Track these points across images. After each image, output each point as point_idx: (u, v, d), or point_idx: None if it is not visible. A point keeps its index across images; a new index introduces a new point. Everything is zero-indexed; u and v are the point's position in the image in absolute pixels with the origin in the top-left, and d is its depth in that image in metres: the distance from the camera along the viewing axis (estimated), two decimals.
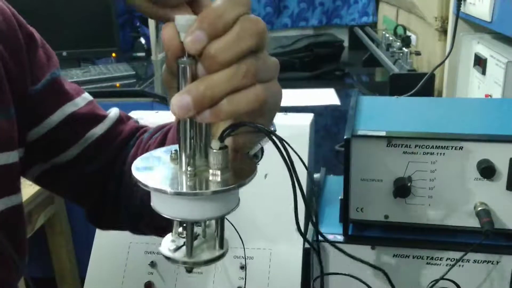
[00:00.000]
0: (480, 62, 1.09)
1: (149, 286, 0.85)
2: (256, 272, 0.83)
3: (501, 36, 1.08)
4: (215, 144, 0.40)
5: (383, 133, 0.67)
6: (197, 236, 0.43)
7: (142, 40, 2.61)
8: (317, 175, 0.93)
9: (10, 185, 0.60)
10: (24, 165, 0.64)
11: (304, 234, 0.80)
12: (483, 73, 1.07)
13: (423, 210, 0.69)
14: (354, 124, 0.70)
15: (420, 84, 1.31)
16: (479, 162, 0.65)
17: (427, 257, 0.70)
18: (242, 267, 0.83)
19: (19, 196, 0.61)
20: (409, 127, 0.69)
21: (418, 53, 1.64)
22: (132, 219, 0.68)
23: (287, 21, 2.59)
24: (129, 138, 0.69)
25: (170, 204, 0.39)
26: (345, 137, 0.67)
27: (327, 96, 1.77)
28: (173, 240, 0.43)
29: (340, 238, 0.73)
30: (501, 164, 0.65)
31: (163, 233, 0.50)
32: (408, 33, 1.80)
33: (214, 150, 0.40)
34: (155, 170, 0.42)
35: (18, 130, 0.60)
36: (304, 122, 0.90)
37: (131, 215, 0.68)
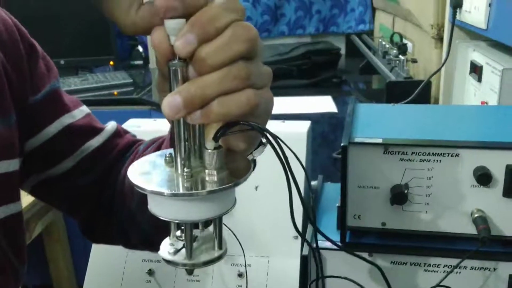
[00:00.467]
0: (476, 70, 1.10)
1: None
2: (254, 280, 0.83)
3: (497, 43, 1.09)
4: (210, 144, 0.40)
5: (380, 141, 0.68)
6: (196, 238, 0.43)
7: (140, 48, 2.62)
8: (314, 183, 0.93)
9: (10, 193, 0.60)
10: (21, 176, 0.64)
11: (303, 235, 0.81)
12: (479, 80, 1.08)
13: (420, 217, 0.69)
14: (351, 132, 0.71)
15: (417, 92, 1.32)
16: (476, 169, 0.66)
17: (424, 264, 0.70)
18: (240, 275, 0.83)
19: (19, 204, 0.61)
20: (405, 135, 0.69)
21: (414, 61, 1.65)
22: (124, 233, 0.68)
23: (284, 29, 2.60)
24: (125, 151, 0.69)
25: (167, 206, 0.40)
26: (342, 144, 0.68)
27: (324, 104, 1.78)
28: (172, 243, 0.43)
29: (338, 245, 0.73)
30: (497, 171, 0.65)
31: (153, 247, 0.50)
32: (404, 41, 1.81)
33: (209, 150, 0.40)
34: (151, 174, 0.42)
35: (18, 138, 0.60)
36: (301, 130, 0.90)
37: (123, 229, 0.68)
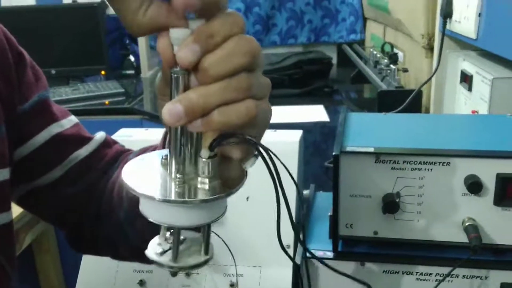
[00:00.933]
0: (466, 79, 1.11)
1: None
2: None
3: (486, 53, 1.10)
4: (204, 153, 0.40)
5: (372, 149, 0.68)
6: (183, 241, 0.44)
7: (131, 57, 2.61)
8: (306, 192, 0.93)
9: (1, 203, 0.59)
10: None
11: (292, 255, 0.80)
12: (469, 89, 1.09)
13: (412, 226, 0.69)
14: (342, 141, 0.71)
15: (408, 101, 1.32)
16: (466, 177, 0.66)
17: (416, 272, 0.70)
18: (232, 285, 0.83)
19: (10, 214, 0.61)
20: (397, 143, 0.70)
21: (405, 70, 1.66)
22: (112, 244, 0.68)
23: (275, 38, 2.61)
24: (113, 161, 0.69)
25: (158, 210, 0.40)
26: (333, 153, 0.68)
27: (316, 113, 1.78)
28: (160, 243, 0.44)
29: (330, 254, 0.73)
30: (488, 179, 0.65)
31: (142, 258, 0.50)
32: (395, 50, 1.82)
33: (204, 159, 0.40)
34: (145, 175, 0.42)
35: (8, 148, 0.60)
36: (293, 139, 0.90)
37: (111, 240, 0.67)
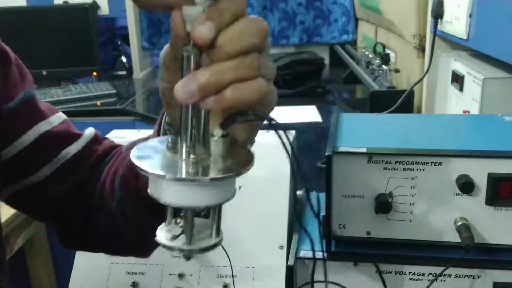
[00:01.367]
0: (458, 79, 1.11)
1: None
2: None
3: (478, 53, 1.11)
4: (217, 131, 0.41)
5: (364, 150, 0.68)
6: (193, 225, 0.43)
7: (123, 58, 2.61)
8: (299, 192, 0.93)
9: None
10: None
11: (285, 256, 0.80)
12: (461, 89, 1.09)
13: (404, 226, 0.69)
14: (335, 141, 0.71)
15: (400, 101, 1.33)
16: (458, 177, 0.66)
17: (409, 272, 0.71)
18: (225, 286, 0.83)
19: None
20: (389, 144, 0.70)
21: (397, 71, 1.66)
22: (104, 238, 0.68)
23: None
24: (103, 157, 0.69)
25: (170, 191, 0.39)
26: (326, 154, 0.68)
27: (309, 113, 1.79)
28: (169, 229, 0.43)
29: (323, 255, 0.73)
30: (479, 179, 0.66)
31: (135, 252, 0.49)
32: (387, 51, 1.83)
33: (216, 138, 0.41)
34: (153, 159, 0.42)
35: None
36: (286, 139, 0.90)
37: (103, 234, 0.67)
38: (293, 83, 2.11)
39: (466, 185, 0.65)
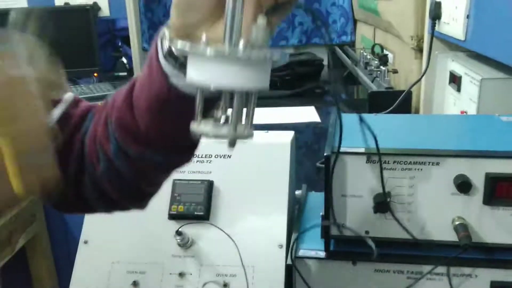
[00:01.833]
0: (455, 80, 1.12)
1: None
2: None
3: (475, 54, 1.11)
4: (261, 19, 0.42)
5: (362, 150, 0.69)
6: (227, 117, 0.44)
7: (124, 59, 2.61)
8: (298, 192, 0.94)
9: None
10: None
11: (284, 255, 0.81)
12: (458, 90, 1.10)
13: (402, 225, 0.70)
14: (334, 141, 0.72)
15: (398, 102, 1.33)
16: (456, 177, 0.67)
17: (407, 271, 0.71)
18: (225, 285, 0.83)
19: None
20: (387, 144, 0.71)
21: (395, 71, 1.67)
22: (100, 192, 0.67)
23: None
24: (84, 116, 0.68)
25: (221, 72, 0.40)
26: (325, 154, 0.68)
27: (308, 114, 1.79)
28: (204, 123, 0.43)
29: (322, 254, 0.73)
30: (477, 179, 0.67)
31: (135, 198, 0.49)
32: (385, 52, 1.84)
33: (260, 24, 0.42)
34: (194, 46, 0.42)
35: None
36: (285, 140, 0.91)
37: (99, 189, 0.66)
38: (292, 83, 2.12)
39: (464, 185, 0.66)
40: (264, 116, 1.75)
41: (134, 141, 0.60)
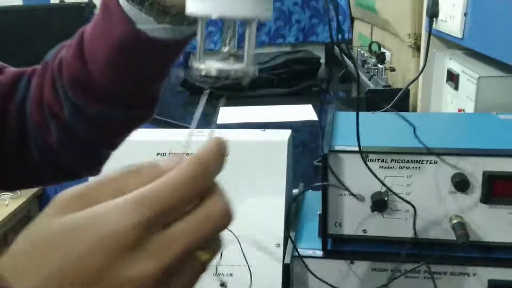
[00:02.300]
0: (453, 78, 1.12)
1: None
2: None
3: (472, 52, 1.11)
4: None
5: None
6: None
7: None
8: (295, 191, 0.93)
9: None
10: None
11: (281, 254, 0.81)
12: (456, 88, 1.10)
13: (400, 224, 0.70)
14: (331, 140, 0.71)
15: (395, 100, 1.33)
16: (453, 175, 0.67)
17: (405, 270, 0.71)
18: (222, 284, 0.83)
19: None
20: (385, 142, 0.70)
21: (392, 69, 1.67)
22: (54, 164, 0.62)
23: (264, 38, 2.61)
24: (15, 83, 0.62)
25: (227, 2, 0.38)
26: (322, 152, 0.68)
27: (305, 112, 1.79)
28: (204, 63, 0.40)
29: (319, 253, 0.73)
30: (474, 177, 0.66)
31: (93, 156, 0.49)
32: (382, 50, 1.83)
33: None
34: None
35: None
36: (282, 138, 0.90)
37: (51, 161, 0.62)
38: (289, 82, 2.12)
39: (461, 183, 0.66)
40: (261, 114, 1.75)
41: (92, 98, 0.55)
